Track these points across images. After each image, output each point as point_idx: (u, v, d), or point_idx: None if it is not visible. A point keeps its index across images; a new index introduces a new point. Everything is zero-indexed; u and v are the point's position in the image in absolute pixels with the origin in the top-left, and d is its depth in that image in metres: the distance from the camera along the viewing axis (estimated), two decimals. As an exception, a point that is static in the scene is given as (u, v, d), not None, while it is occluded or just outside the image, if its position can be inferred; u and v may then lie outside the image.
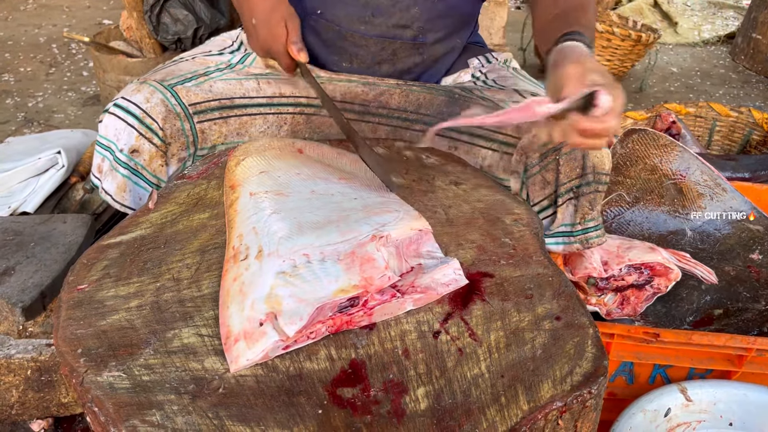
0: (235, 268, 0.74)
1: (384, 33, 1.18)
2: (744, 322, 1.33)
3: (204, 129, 1.12)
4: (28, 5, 4.32)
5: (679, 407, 1.07)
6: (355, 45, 1.20)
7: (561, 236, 1.09)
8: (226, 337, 0.67)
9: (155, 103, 1.07)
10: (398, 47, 1.20)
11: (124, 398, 0.61)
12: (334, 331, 0.69)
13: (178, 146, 1.10)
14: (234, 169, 0.94)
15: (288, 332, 0.65)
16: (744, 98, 3.40)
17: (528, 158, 1.07)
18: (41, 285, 1.14)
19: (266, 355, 0.65)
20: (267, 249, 0.75)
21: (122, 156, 1.07)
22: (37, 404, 1.18)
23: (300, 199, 0.87)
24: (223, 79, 1.16)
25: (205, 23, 2.43)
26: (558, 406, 0.64)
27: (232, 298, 0.70)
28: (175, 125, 1.09)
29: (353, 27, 1.17)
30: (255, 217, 0.82)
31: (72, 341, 0.67)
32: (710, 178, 1.48)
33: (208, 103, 1.12)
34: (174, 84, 1.10)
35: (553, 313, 0.74)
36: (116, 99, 1.08)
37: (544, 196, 1.08)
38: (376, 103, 1.21)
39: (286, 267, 0.72)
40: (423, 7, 1.15)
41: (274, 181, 0.90)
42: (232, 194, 0.89)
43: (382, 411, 0.62)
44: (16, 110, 2.83)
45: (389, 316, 0.72)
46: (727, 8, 4.88)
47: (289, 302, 0.67)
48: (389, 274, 0.72)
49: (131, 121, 1.06)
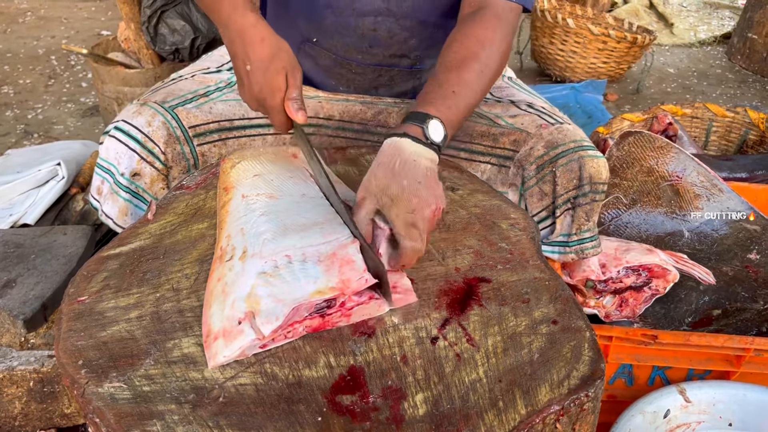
0: (220, 269, 0.76)
1: (381, 62, 1.17)
2: (743, 322, 1.33)
3: (204, 152, 1.13)
4: (27, 18, 4.34)
5: (679, 408, 1.07)
6: (352, 72, 1.19)
7: (557, 245, 1.10)
8: (206, 335, 0.68)
9: (157, 127, 1.06)
10: (395, 74, 1.20)
11: (125, 409, 0.61)
12: (311, 331, 0.71)
13: (179, 170, 1.11)
14: (229, 171, 0.95)
15: (264, 331, 0.67)
16: (741, 98, 3.41)
17: (525, 171, 1.08)
18: (42, 297, 1.15)
19: (243, 353, 0.67)
20: (251, 250, 0.77)
21: (123, 180, 1.07)
22: (40, 415, 1.19)
23: (290, 201, 0.88)
24: (223, 99, 1.16)
25: (202, 33, 2.44)
26: (555, 410, 0.64)
27: (215, 298, 0.72)
28: (175, 149, 1.09)
29: (350, 56, 1.17)
30: (244, 218, 0.83)
31: (73, 353, 0.67)
32: (707, 179, 1.49)
33: (207, 126, 1.12)
34: (175, 106, 1.10)
35: (550, 317, 0.75)
36: (117, 122, 1.07)
37: (542, 208, 1.09)
38: (375, 122, 1.21)
39: (268, 267, 0.73)
40: (421, 37, 1.14)
41: (267, 184, 0.92)
42: (225, 196, 0.90)
43: (380, 417, 0.63)
44: (15, 122, 2.84)
45: (368, 317, 0.73)
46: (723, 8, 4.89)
47: (267, 302, 0.69)
48: (366, 276, 0.72)
49: (133, 145, 1.05)
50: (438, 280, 0.79)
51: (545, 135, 1.07)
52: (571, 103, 2.97)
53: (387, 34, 1.13)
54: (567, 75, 3.37)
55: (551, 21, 3.22)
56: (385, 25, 1.12)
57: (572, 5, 3.66)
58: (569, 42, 3.26)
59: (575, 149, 1.05)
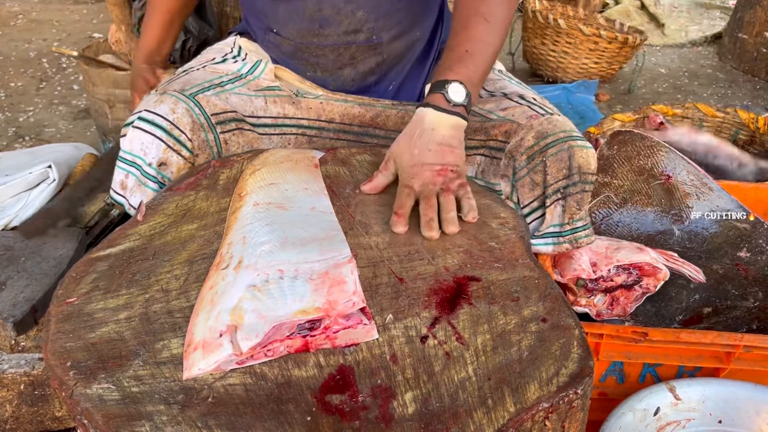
0: (214, 277, 0.75)
1: (336, 41, 1.18)
2: (733, 320, 1.34)
3: (227, 139, 1.13)
4: (18, 21, 4.32)
5: (669, 406, 1.08)
6: (314, 55, 1.20)
7: (550, 237, 1.10)
8: (187, 344, 0.68)
9: (181, 114, 1.06)
10: (355, 51, 1.20)
11: (113, 410, 0.61)
12: (293, 352, 0.68)
13: (205, 157, 1.10)
14: (248, 177, 0.95)
15: (242, 347, 0.65)
16: (732, 97, 3.43)
17: (516, 161, 1.09)
18: (32, 299, 1.15)
19: (218, 367, 0.65)
20: (247, 260, 0.76)
21: (150, 170, 1.06)
22: (31, 418, 1.18)
23: (298, 214, 0.87)
24: (237, 93, 1.17)
25: (193, 35, 2.43)
26: (544, 407, 0.64)
27: (203, 307, 0.71)
28: (200, 136, 1.08)
29: (306, 40, 1.18)
30: (249, 226, 0.83)
31: (61, 354, 0.67)
32: (696, 178, 1.49)
33: (226, 114, 1.13)
34: (195, 93, 1.10)
35: (539, 315, 0.75)
36: (139, 112, 1.06)
37: (534, 198, 1.09)
38: (374, 125, 1.22)
39: (258, 281, 0.72)
40: (367, 8, 1.14)
41: (281, 194, 0.91)
42: (238, 201, 0.90)
43: (370, 416, 0.63)
44: (6, 125, 2.83)
45: (356, 342, 0.70)
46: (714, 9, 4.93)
47: (251, 317, 0.67)
48: (355, 299, 0.70)
49: (159, 134, 1.04)
50: (428, 279, 0.79)
51: (535, 125, 1.07)
52: (563, 104, 2.99)
53: (333, 11, 1.14)
54: (559, 75, 3.38)
55: (542, 21, 3.23)
56: (329, 2, 1.13)
57: (563, 6, 3.67)
58: (561, 42, 3.27)
59: (565, 139, 1.05)
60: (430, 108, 0.95)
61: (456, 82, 0.95)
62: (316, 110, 1.22)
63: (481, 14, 0.99)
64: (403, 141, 0.95)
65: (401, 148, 0.95)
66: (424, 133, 0.94)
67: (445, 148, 0.94)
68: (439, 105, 0.94)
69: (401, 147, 0.95)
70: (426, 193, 0.90)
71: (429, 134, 0.93)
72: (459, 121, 0.96)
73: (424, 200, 0.89)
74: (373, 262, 0.82)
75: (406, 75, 1.27)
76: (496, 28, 1.01)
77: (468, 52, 0.98)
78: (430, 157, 0.93)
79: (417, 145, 0.93)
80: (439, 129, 0.94)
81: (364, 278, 0.79)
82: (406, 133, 0.96)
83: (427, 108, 0.95)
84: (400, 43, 1.22)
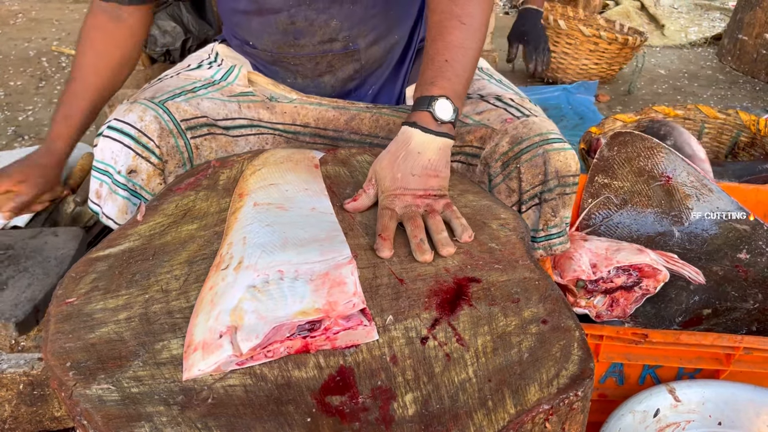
0: (214, 277, 0.75)
1: (312, 51, 1.16)
2: (733, 322, 1.34)
3: (198, 145, 1.13)
4: (18, 20, 4.32)
5: (668, 408, 1.08)
6: (292, 64, 1.20)
7: None
8: (187, 345, 0.67)
9: (149, 121, 1.06)
10: (332, 59, 1.18)
11: (113, 411, 0.61)
12: (293, 353, 0.68)
13: (175, 163, 1.10)
14: (248, 178, 0.95)
15: (242, 348, 0.65)
16: (731, 99, 3.43)
17: (491, 168, 1.08)
18: (34, 299, 1.14)
19: (219, 368, 0.65)
20: (247, 261, 0.76)
21: (120, 178, 1.07)
22: (30, 419, 1.18)
23: (298, 214, 0.87)
24: (209, 97, 1.17)
25: (193, 35, 2.43)
26: (545, 409, 0.64)
27: (203, 307, 0.71)
28: (169, 142, 1.09)
29: (283, 50, 1.17)
30: (249, 227, 0.83)
31: (61, 355, 0.67)
32: (696, 179, 1.49)
33: (197, 120, 1.13)
34: (165, 100, 1.10)
35: (539, 317, 0.75)
36: (109, 121, 1.07)
37: (511, 204, 1.09)
38: (348, 129, 1.21)
39: (258, 281, 0.72)
40: (340, 17, 1.13)
41: (281, 194, 0.91)
42: (238, 202, 0.90)
43: (370, 418, 0.62)
44: (6, 124, 2.83)
45: (356, 344, 0.70)
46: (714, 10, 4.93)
47: (251, 318, 0.67)
48: (355, 300, 0.70)
49: (127, 142, 1.05)
50: (428, 280, 0.79)
51: (510, 130, 1.06)
52: (562, 105, 2.99)
53: (306, 23, 1.13)
54: (558, 76, 3.39)
55: (542, 22, 3.23)
56: (301, 14, 1.12)
57: (563, 7, 3.67)
58: (561, 43, 3.27)
59: (540, 143, 1.03)
60: (417, 129, 0.89)
61: (442, 98, 0.90)
62: (291, 114, 1.21)
63: (457, 17, 0.94)
64: (386, 162, 0.89)
65: (383, 169, 0.89)
66: (409, 157, 0.88)
67: (430, 173, 0.89)
68: (427, 126, 0.89)
69: (383, 168, 0.89)
70: (410, 215, 0.86)
71: (414, 158, 0.88)
72: (446, 142, 0.91)
73: (409, 222, 0.85)
74: (373, 263, 0.82)
75: (385, 78, 1.25)
76: (473, 31, 0.95)
77: (447, 61, 0.93)
78: (413, 182, 0.88)
79: (400, 169, 0.88)
80: (426, 153, 0.89)
81: (364, 279, 0.78)
82: (390, 153, 0.90)
83: (413, 129, 0.89)
84: (378, 48, 1.19)
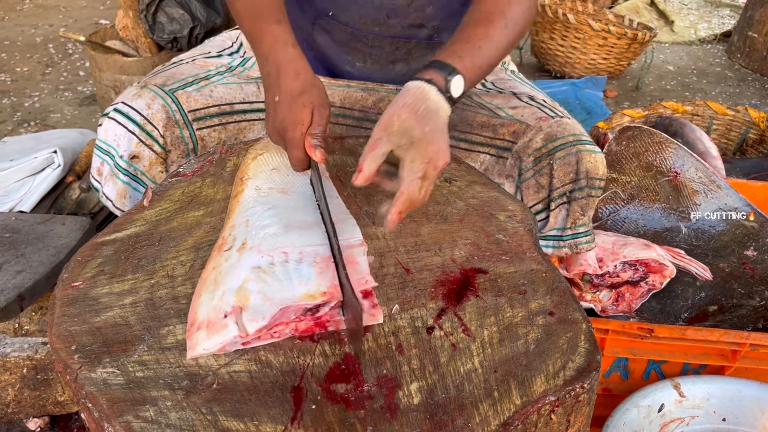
0: (217, 258, 0.75)
1: (398, 33, 1.14)
2: (739, 318, 1.34)
3: (203, 136, 1.12)
4: (25, 5, 4.31)
5: (673, 403, 1.08)
6: (369, 45, 1.17)
7: (551, 240, 1.10)
8: (191, 323, 0.67)
9: (156, 110, 1.06)
10: (413, 47, 1.17)
11: (117, 394, 0.61)
12: (298, 334, 0.69)
13: (178, 153, 1.10)
14: (249, 162, 0.95)
15: (248, 329, 0.65)
16: (740, 96, 3.41)
17: (522, 162, 1.08)
18: (20, 287, 1.13)
19: (224, 348, 0.66)
20: (251, 242, 0.76)
21: (122, 162, 1.07)
22: (33, 402, 1.18)
23: (300, 199, 0.87)
24: (224, 83, 1.15)
25: (201, 22, 2.43)
26: (551, 401, 0.64)
27: (206, 287, 0.71)
28: (174, 133, 1.08)
29: (367, 28, 1.14)
30: (252, 210, 0.83)
31: (66, 338, 0.67)
32: (705, 175, 1.48)
33: (207, 110, 1.12)
34: (175, 89, 1.09)
35: (546, 309, 0.75)
36: (116, 103, 1.06)
37: (538, 200, 1.09)
38: (375, 109, 1.19)
39: (263, 263, 0.72)
40: (438, 5, 1.12)
41: (283, 179, 0.91)
42: (240, 185, 0.90)
43: (375, 406, 0.62)
44: (12, 110, 2.82)
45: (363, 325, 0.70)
46: (724, 7, 4.89)
47: (257, 298, 0.68)
48: (368, 277, 0.70)
49: (132, 128, 1.05)
50: (434, 270, 0.79)
51: (544, 127, 1.06)
52: (570, 99, 2.97)
53: (404, 2, 1.10)
54: (567, 71, 3.37)
55: (551, 16, 3.21)
56: None
57: (573, 1, 3.65)
58: (569, 38, 3.25)
59: (574, 143, 1.04)
60: (434, 87, 0.85)
61: (461, 75, 0.87)
62: None
63: (504, 16, 0.96)
64: (406, 114, 0.81)
65: (406, 124, 0.80)
66: (430, 113, 0.82)
67: (447, 137, 0.84)
68: (441, 87, 0.86)
69: (406, 122, 0.80)
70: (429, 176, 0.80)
71: (435, 114, 0.83)
72: (450, 111, 0.87)
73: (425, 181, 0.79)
74: (380, 252, 0.81)
75: None
76: (512, 36, 0.98)
77: (480, 48, 0.93)
78: (441, 142, 0.81)
79: (426, 123, 0.81)
80: (442, 114, 0.84)
81: (370, 268, 0.78)
82: (407, 105, 0.82)
83: (431, 86, 0.85)
84: None
